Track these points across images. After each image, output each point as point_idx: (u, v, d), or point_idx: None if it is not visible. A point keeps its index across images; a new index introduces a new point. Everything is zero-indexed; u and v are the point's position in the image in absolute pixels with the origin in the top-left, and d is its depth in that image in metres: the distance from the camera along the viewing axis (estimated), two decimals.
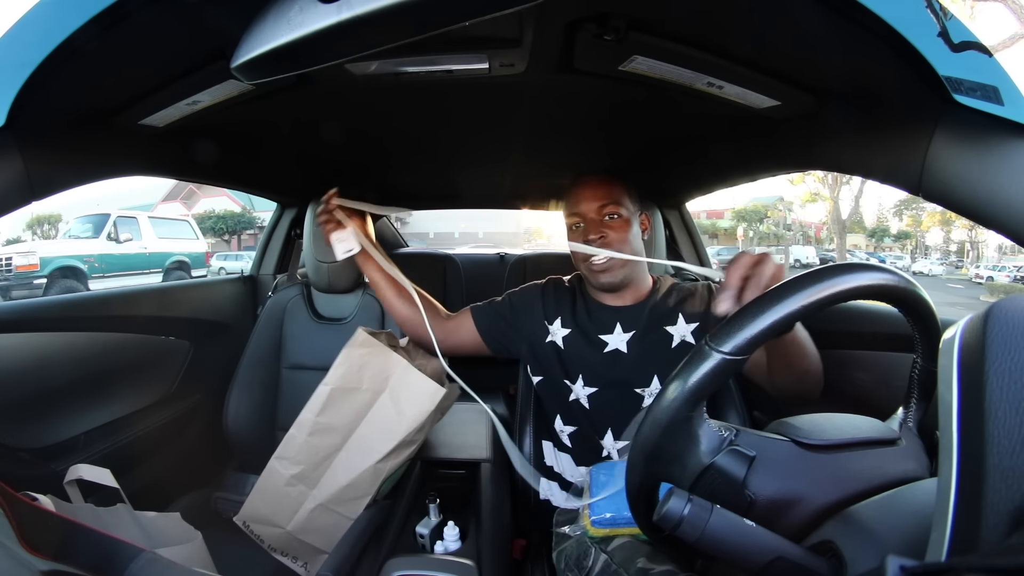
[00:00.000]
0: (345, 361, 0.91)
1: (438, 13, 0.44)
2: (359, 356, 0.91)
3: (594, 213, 0.92)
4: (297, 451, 0.90)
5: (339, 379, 0.90)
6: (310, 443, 0.90)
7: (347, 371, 0.90)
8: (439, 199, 2.24)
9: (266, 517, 0.92)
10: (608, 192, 0.92)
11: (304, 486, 0.91)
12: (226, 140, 1.04)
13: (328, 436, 0.90)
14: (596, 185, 0.94)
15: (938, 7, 0.45)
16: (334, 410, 0.90)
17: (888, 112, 0.60)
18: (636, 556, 0.68)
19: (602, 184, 0.94)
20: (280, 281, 1.48)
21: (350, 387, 0.91)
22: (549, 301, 1.00)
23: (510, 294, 1.05)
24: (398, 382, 0.91)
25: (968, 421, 0.31)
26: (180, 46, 0.62)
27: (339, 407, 0.90)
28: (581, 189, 0.94)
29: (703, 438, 0.48)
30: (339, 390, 0.90)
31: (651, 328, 0.92)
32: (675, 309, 0.93)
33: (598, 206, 0.91)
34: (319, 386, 0.90)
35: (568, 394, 0.95)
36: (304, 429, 0.90)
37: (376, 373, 0.92)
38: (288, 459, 0.90)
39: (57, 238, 9.27)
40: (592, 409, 0.92)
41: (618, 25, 0.60)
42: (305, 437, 0.89)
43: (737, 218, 28.25)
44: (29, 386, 0.95)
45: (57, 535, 0.47)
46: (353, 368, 0.91)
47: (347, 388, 0.90)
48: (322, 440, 0.90)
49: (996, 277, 16.71)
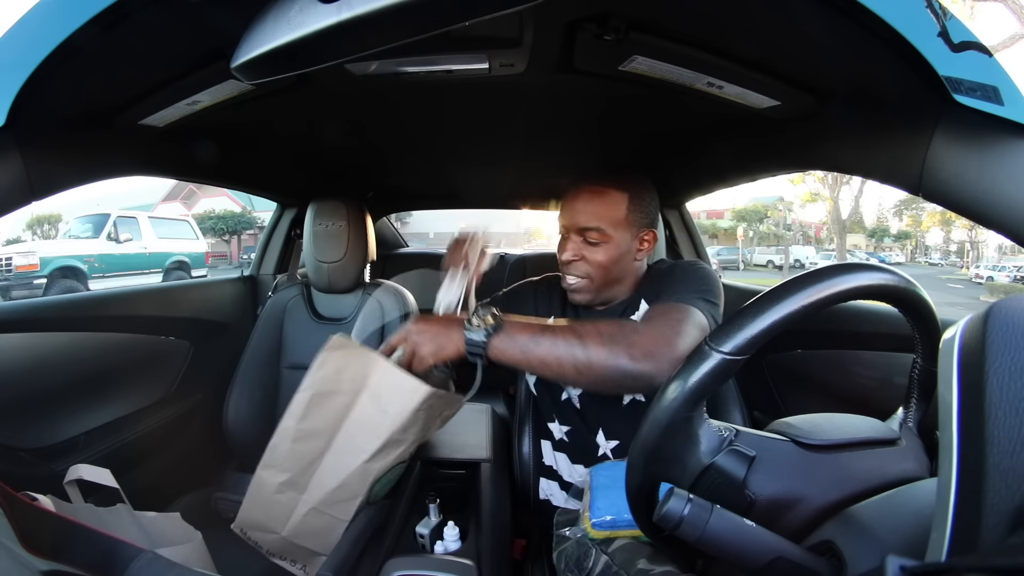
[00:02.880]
0: (322, 365, 0.90)
1: (438, 13, 0.44)
2: (336, 358, 0.91)
3: (575, 231, 0.85)
4: (283, 459, 0.90)
5: (318, 383, 0.90)
6: (295, 449, 0.89)
7: (325, 375, 0.90)
8: (439, 199, 2.24)
9: (261, 524, 0.92)
10: (600, 210, 0.83)
11: (294, 492, 0.90)
12: (226, 140, 1.04)
13: (312, 440, 0.90)
14: (588, 199, 0.84)
15: (938, 7, 0.45)
16: (316, 414, 0.89)
17: (888, 112, 0.60)
18: (637, 557, 0.68)
19: (595, 197, 0.84)
20: (280, 281, 1.49)
21: (330, 390, 0.90)
22: (542, 300, 0.99)
23: (505, 294, 1.03)
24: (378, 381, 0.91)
25: (968, 421, 0.31)
26: (180, 46, 0.62)
27: (320, 411, 0.90)
28: (574, 199, 0.86)
29: (703, 438, 0.48)
30: (319, 394, 0.89)
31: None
32: (639, 295, 0.90)
33: (580, 226, 0.84)
34: (298, 392, 0.90)
35: (560, 392, 0.95)
36: (287, 436, 0.89)
37: (355, 374, 0.91)
38: (275, 467, 0.90)
39: (57, 238, 9.26)
40: (583, 408, 0.92)
41: (618, 25, 0.60)
42: (289, 444, 0.89)
43: (737, 218, 28.22)
44: (29, 386, 0.95)
45: (57, 535, 0.47)
46: (331, 371, 0.90)
47: (327, 392, 0.90)
48: (307, 445, 0.90)
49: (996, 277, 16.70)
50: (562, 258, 0.88)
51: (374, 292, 1.29)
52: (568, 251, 0.87)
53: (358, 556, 0.86)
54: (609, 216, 0.83)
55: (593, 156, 1.33)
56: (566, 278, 0.89)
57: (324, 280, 1.26)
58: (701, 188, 1.47)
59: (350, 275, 1.26)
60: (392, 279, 1.39)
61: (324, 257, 1.24)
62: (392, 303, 1.26)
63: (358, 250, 1.25)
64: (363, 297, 1.30)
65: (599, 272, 0.86)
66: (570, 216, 0.86)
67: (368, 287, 1.30)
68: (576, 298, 0.90)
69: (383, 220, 2.46)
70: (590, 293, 0.89)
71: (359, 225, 1.25)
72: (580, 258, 0.86)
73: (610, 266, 0.85)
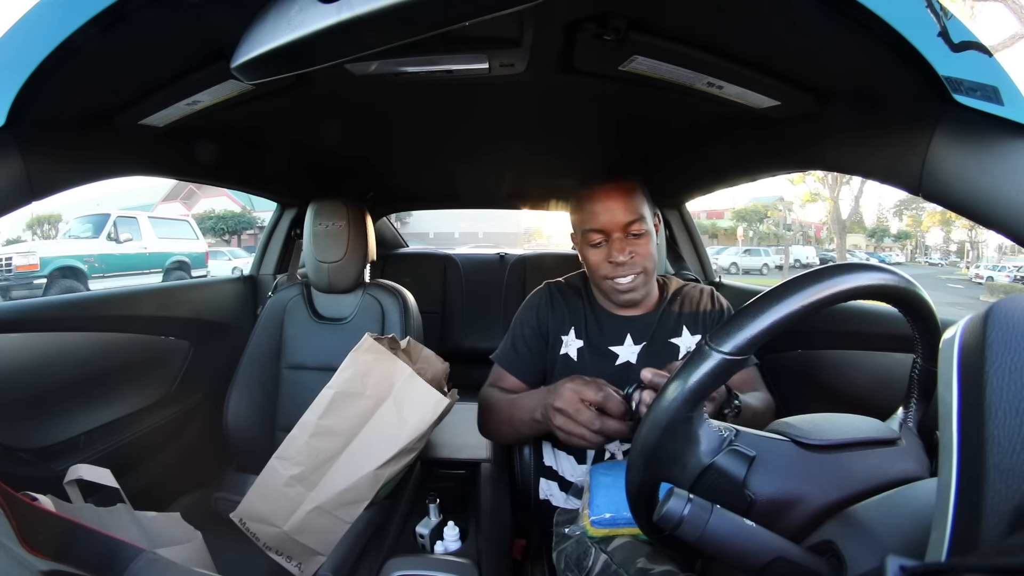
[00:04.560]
0: (351, 366, 0.91)
1: (438, 13, 0.44)
2: (364, 362, 0.91)
3: (619, 230, 0.86)
4: (298, 452, 0.90)
5: (344, 383, 0.90)
6: (311, 445, 0.90)
7: (352, 376, 0.91)
8: (439, 199, 2.24)
9: (263, 516, 0.92)
10: (633, 204, 0.86)
11: (303, 487, 0.91)
12: (226, 140, 1.04)
13: (329, 439, 0.91)
14: (620, 196, 0.86)
15: (938, 7, 0.45)
16: (337, 414, 0.90)
17: (888, 112, 0.60)
18: (636, 556, 0.68)
19: (626, 194, 0.86)
20: (280, 281, 1.48)
21: (354, 392, 0.91)
22: (559, 311, 0.96)
23: (523, 321, 0.98)
24: (402, 390, 0.92)
25: (968, 421, 0.31)
26: (180, 46, 0.62)
27: (342, 411, 0.90)
28: (604, 200, 0.86)
29: (703, 438, 0.48)
30: (343, 394, 0.90)
31: (659, 340, 0.91)
32: (680, 320, 0.92)
33: (624, 222, 0.85)
34: (324, 389, 0.90)
35: None
36: (306, 431, 0.90)
37: (380, 380, 0.92)
38: (289, 459, 0.90)
39: (57, 238, 9.26)
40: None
41: (618, 25, 0.60)
42: (307, 439, 0.89)
43: (737, 218, 28.25)
44: (29, 386, 0.95)
45: (57, 535, 0.47)
46: (358, 373, 0.91)
47: (351, 393, 0.91)
48: (323, 443, 0.90)
49: (996, 277, 16.69)
50: (618, 260, 0.86)
51: (374, 292, 1.29)
52: (622, 251, 0.85)
53: (358, 556, 0.86)
54: (642, 206, 0.87)
55: (593, 156, 1.33)
56: (619, 281, 0.87)
57: (324, 280, 1.26)
58: (701, 188, 1.47)
59: (350, 275, 1.26)
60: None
61: (324, 257, 1.24)
62: (392, 303, 1.26)
63: (358, 250, 1.25)
64: (363, 297, 1.30)
65: (651, 263, 0.88)
66: (610, 216, 0.86)
67: (368, 287, 1.30)
68: (631, 297, 0.89)
69: (383, 220, 2.46)
70: (645, 288, 0.89)
71: (359, 225, 1.25)
72: (634, 256, 0.86)
73: (656, 254, 0.89)
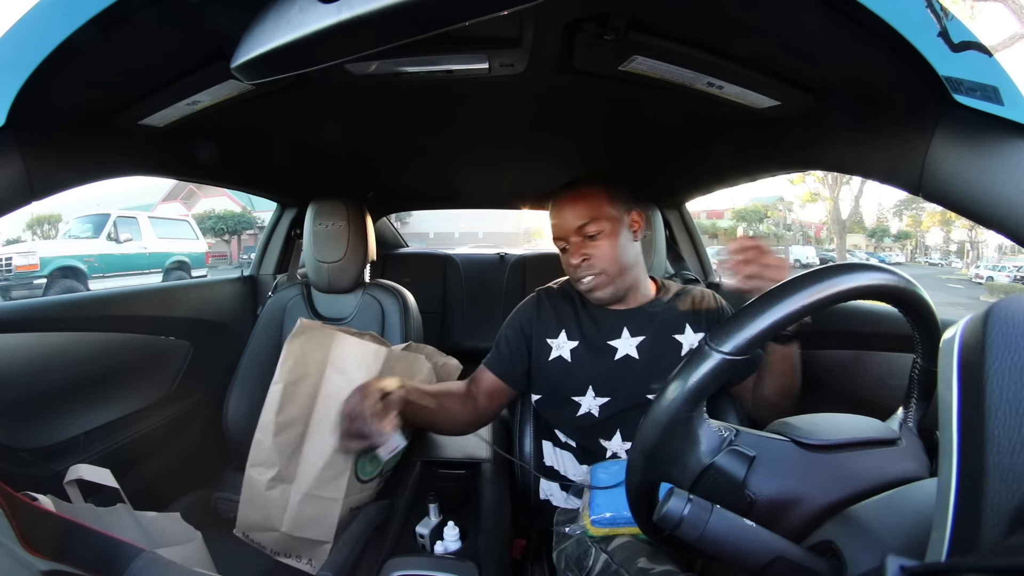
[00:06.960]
0: (289, 355, 0.94)
1: (438, 13, 0.44)
2: (299, 345, 0.94)
3: (574, 234, 0.87)
4: (267, 454, 0.92)
5: (288, 374, 0.93)
6: (277, 443, 0.93)
7: (293, 363, 0.93)
8: (439, 199, 2.24)
9: (260, 523, 0.93)
10: (585, 207, 0.87)
11: (284, 484, 0.93)
12: (226, 140, 1.04)
13: (292, 429, 0.94)
14: (571, 201, 0.88)
15: (938, 7, 0.45)
16: (291, 404, 0.93)
17: (888, 112, 0.60)
18: (636, 556, 0.68)
19: (577, 199, 0.88)
20: (280, 281, 1.48)
21: (299, 377, 0.93)
22: (547, 315, 0.96)
23: (509, 323, 0.98)
24: (337, 353, 0.94)
25: (968, 421, 0.31)
26: (180, 46, 0.62)
27: (294, 399, 0.93)
28: (558, 208, 0.89)
29: (703, 438, 0.48)
30: (290, 384, 0.93)
31: (660, 335, 0.90)
32: (682, 317, 0.92)
33: (576, 226, 0.87)
34: (271, 386, 0.92)
35: (576, 409, 0.91)
36: (268, 432, 0.92)
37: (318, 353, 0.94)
38: (261, 464, 0.92)
39: (57, 238, 9.25)
40: (602, 418, 0.90)
41: (618, 25, 0.61)
42: (271, 440, 0.92)
43: (737, 218, 28.24)
44: (29, 386, 0.95)
45: (57, 535, 0.47)
46: (298, 359, 0.93)
47: (297, 379, 0.93)
48: (287, 435, 0.93)
49: (996, 277, 16.69)
50: (572, 263, 0.88)
51: (374, 292, 1.29)
52: (574, 256, 0.87)
53: (358, 556, 0.86)
54: (595, 207, 0.87)
55: (593, 156, 1.33)
56: (581, 282, 0.88)
57: (324, 280, 1.26)
58: (701, 188, 1.47)
59: (350, 275, 1.26)
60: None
61: (324, 257, 1.24)
62: (392, 303, 1.26)
63: (358, 250, 1.25)
64: (363, 297, 1.30)
65: (611, 263, 0.87)
66: (562, 221, 0.88)
67: (368, 287, 1.30)
68: (598, 296, 0.89)
69: (383, 220, 2.46)
70: (610, 287, 0.88)
71: (359, 225, 1.25)
72: (587, 257, 0.87)
73: (618, 254, 0.87)
